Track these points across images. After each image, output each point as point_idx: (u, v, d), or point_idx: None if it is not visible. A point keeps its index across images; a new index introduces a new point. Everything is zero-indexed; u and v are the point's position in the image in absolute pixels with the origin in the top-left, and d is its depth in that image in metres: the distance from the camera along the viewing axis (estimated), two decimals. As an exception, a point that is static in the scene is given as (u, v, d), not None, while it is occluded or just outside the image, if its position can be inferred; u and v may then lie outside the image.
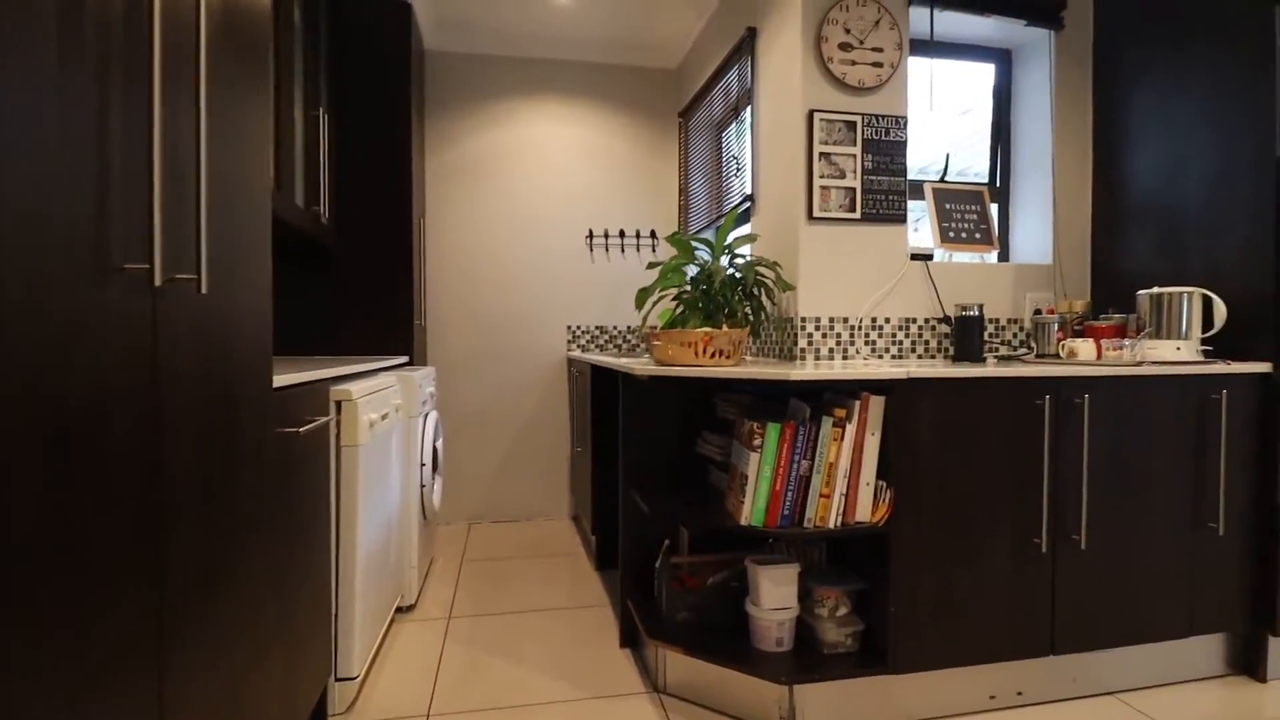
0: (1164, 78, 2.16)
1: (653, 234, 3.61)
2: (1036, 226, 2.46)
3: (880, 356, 2.23)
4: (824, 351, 2.18)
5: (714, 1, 2.99)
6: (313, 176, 2.37)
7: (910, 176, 2.26)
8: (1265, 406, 1.87)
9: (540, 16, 3.19)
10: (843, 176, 2.17)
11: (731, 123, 2.83)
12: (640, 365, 1.84)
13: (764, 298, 2.19)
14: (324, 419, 1.50)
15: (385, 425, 1.98)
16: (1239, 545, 1.88)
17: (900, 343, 2.24)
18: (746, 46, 2.58)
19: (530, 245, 3.50)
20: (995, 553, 1.70)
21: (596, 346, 3.57)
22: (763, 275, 2.07)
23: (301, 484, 1.41)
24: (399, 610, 2.32)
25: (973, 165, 2.68)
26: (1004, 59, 2.58)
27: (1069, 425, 1.73)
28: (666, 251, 3.64)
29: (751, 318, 2.10)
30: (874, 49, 2.19)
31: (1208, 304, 1.92)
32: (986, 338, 2.33)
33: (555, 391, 3.54)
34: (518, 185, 3.49)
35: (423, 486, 2.38)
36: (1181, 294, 1.89)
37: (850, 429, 1.61)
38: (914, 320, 2.26)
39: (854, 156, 2.18)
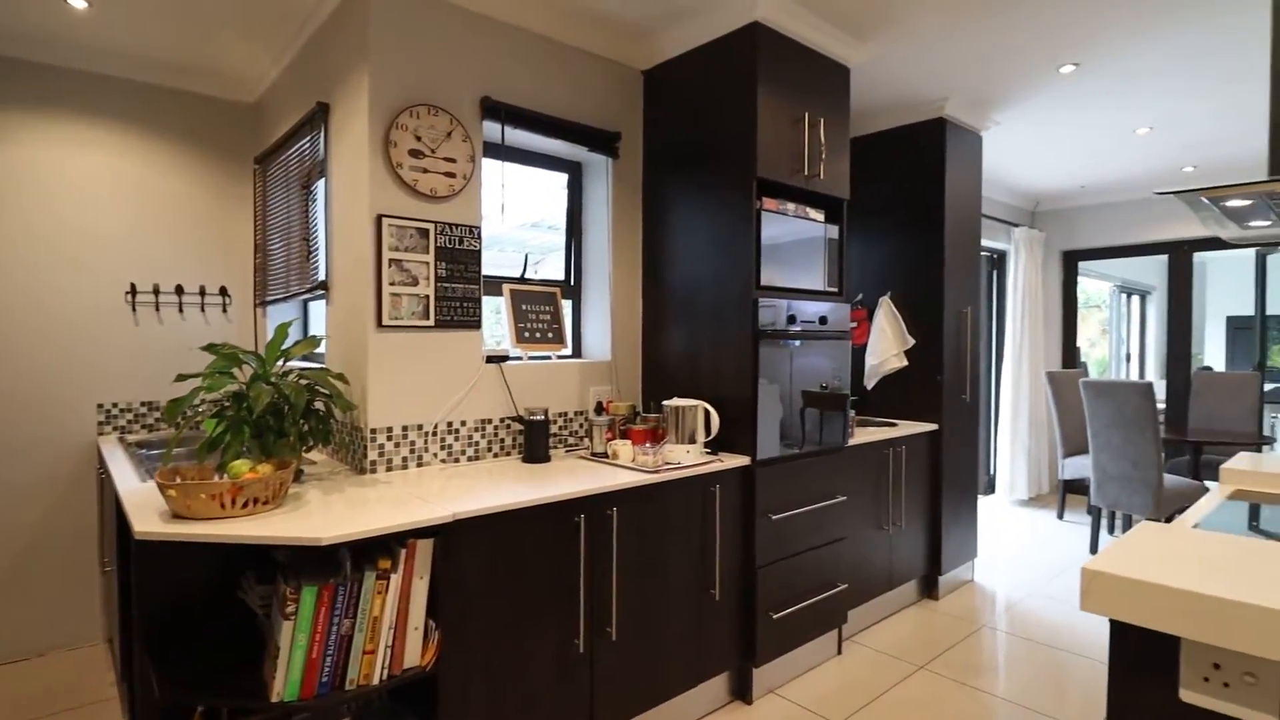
0: (687, 214, 2.62)
1: (223, 290, 3.13)
2: (601, 325, 2.78)
3: (456, 460, 2.27)
4: (397, 461, 2.14)
5: (291, 51, 2.71)
6: None
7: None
8: (746, 490, 2.41)
9: (49, 17, 2.51)
10: (415, 283, 2.15)
11: (307, 192, 2.60)
12: (144, 516, 1.55)
13: (330, 411, 2.05)
14: None
15: None
16: (731, 603, 2.38)
17: (477, 444, 2.32)
18: (320, 119, 2.39)
19: (40, 301, 2.73)
20: (541, 664, 1.85)
21: (144, 427, 2.95)
22: (323, 391, 1.93)
23: None
24: None
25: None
26: (577, 170, 2.86)
27: (601, 535, 1.98)
28: (242, 318, 3.19)
29: (311, 439, 1.94)
30: (447, 159, 2.22)
31: (710, 413, 2.39)
32: (557, 429, 2.55)
33: (81, 486, 2.83)
34: (21, 223, 2.69)
35: None
36: (692, 407, 2.32)
37: (396, 578, 1.58)
38: (490, 421, 2.35)
39: (427, 264, 2.18)
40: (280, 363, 1.96)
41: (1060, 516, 5.00)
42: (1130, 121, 3.70)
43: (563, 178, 2.85)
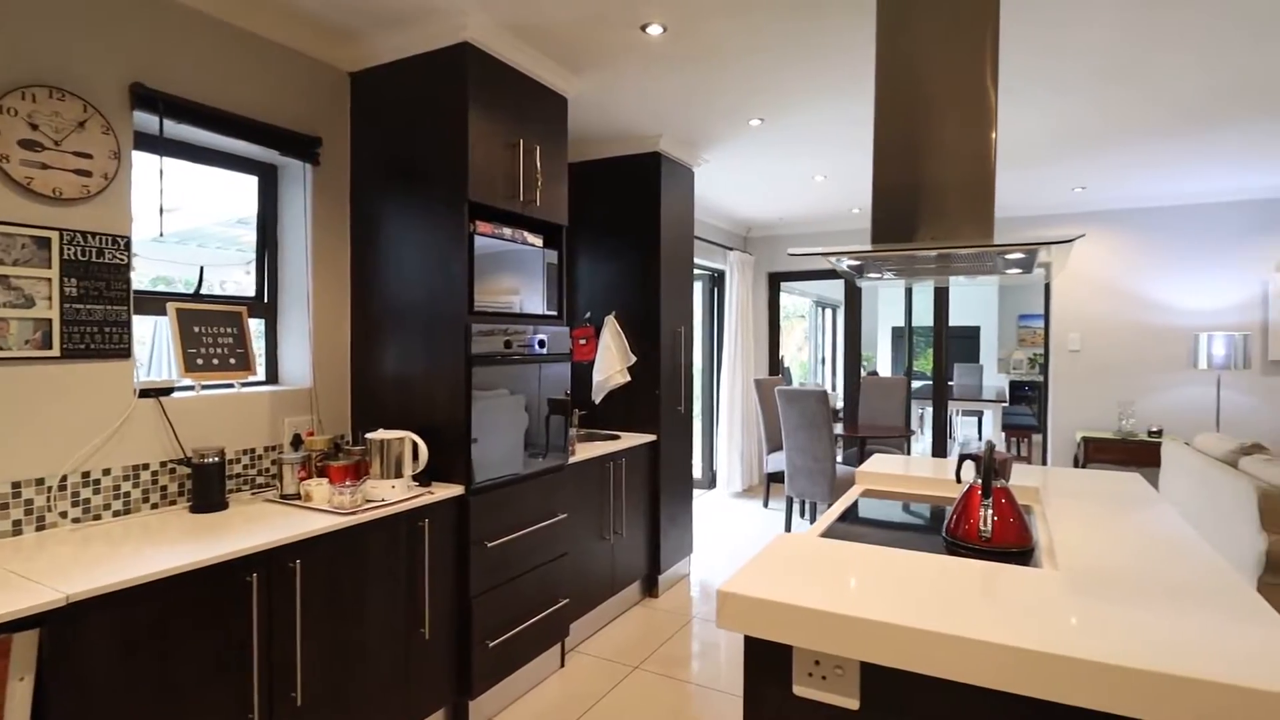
0: (400, 231, 2.49)
1: None
2: (300, 348, 2.52)
3: (97, 518, 1.89)
4: (6, 528, 1.71)
5: None
6: None
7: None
8: (460, 520, 2.36)
9: None
10: (30, 305, 1.74)
11: None
12: None
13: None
14: None
15: None
16: (444, 638, 2.31)
17: (127, 495, 1.95)
18: (-118, 85, 1.82)
19: None
20: (202, 750, 1.62)
21: None
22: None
23: None
24: None
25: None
26: (271, 174, 2.56)
27: (282, 592, 1.78)
28: None
29: None
30: (79, 154, 1.83)
31: (417, 444, 2.29)
32: (242, 469, 2.25)
33: None
34: None
35: None
36: (399, 438, 2.20)
37: (-24, 688, 1.26)
38: (146, 466, 1.99)
39: (49, 281, 1.78)
40: None
41: (765, 505, 5.71)
42: (809, 169, 4.34)
43: (253, 181, 2.53)
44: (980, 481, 1.65)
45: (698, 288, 6.34)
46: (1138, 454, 5.01)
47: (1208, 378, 5.04)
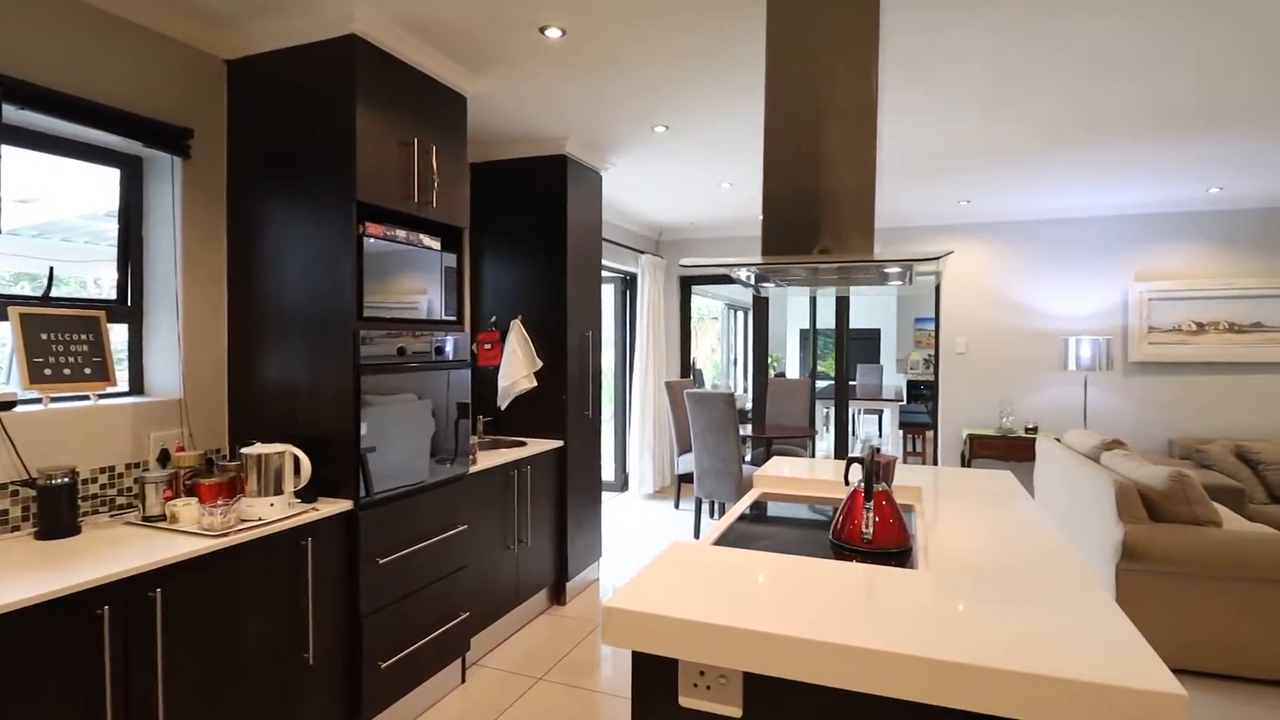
0: (283, 232, 2.34)
1: None
2: (169, 356, 2.33)
3: (-84, 549, 1.67)
4: None
5: None
6: None
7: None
8: (349, 537, 2.24)
9: None
10: None
11: None
12: None
13: None
14: None
15: None
16: (331, 661, 2.19)
17: (-45, 523, 1.74)
18: None
19: None
20: (41, 805, 1.46)
21: None
22: None
23: None
24: None
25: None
26: (135, 166, 2.35)
27: (141, 625, 1.64)
28: None
29: None
30: (-110, 139, 1.62)
31: (299, 458, 2.16)
32: (99, 490, 2.06)
33: None
34: None
35: None
36: (278, 452, 2.06)
37: None
38: (-20, 490, 1.79)
39: None
40: None
41: (677, 506, 5.78)
42: (715, 177, 4.42)
43: (115, 174, 2.31)
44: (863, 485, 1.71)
45: (610, 290, 6.34)
46: (1017, 450, 5.38)
47: (1076, 378, 5.48)
